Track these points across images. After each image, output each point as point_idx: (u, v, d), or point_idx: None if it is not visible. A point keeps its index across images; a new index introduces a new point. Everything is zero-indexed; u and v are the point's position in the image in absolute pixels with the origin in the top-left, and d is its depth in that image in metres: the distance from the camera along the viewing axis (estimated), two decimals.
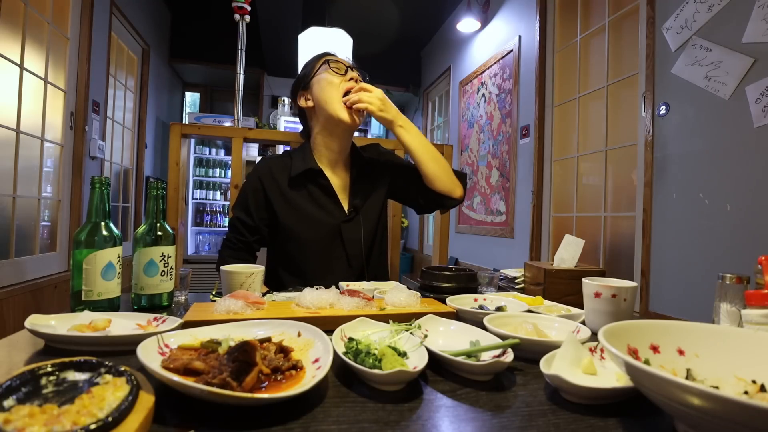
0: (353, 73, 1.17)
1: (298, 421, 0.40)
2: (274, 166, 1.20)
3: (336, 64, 1.16)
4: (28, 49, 2.15)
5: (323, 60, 1.17)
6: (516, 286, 1.18)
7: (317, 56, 1.21)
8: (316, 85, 1.16)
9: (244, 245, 1.18)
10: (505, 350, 0.54)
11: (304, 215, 1.16)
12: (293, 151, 1.26)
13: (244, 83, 2.21)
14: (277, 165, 1.20)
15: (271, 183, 1.18)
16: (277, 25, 4.19)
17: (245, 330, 0.60)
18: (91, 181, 0.79)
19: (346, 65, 1.17)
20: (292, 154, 1.23)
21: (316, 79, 1.17)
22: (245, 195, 1.19)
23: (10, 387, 0.36)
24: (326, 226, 1.16)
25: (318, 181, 1.18)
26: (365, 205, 1.21)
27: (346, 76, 1.15)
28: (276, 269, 1.21)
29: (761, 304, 0.59)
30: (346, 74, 1.16)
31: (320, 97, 1.15)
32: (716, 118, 1.61)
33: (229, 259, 1.15)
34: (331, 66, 1.15)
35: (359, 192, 1.21)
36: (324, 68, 1.16)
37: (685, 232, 1.72)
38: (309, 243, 1.16)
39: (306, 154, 1.19)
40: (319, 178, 1.17)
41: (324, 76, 1.15)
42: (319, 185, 1.18)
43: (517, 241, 3.01)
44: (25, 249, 2.23)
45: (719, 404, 0.31)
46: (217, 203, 4.73)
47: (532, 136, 2.84)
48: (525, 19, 2.99)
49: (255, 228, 1.17)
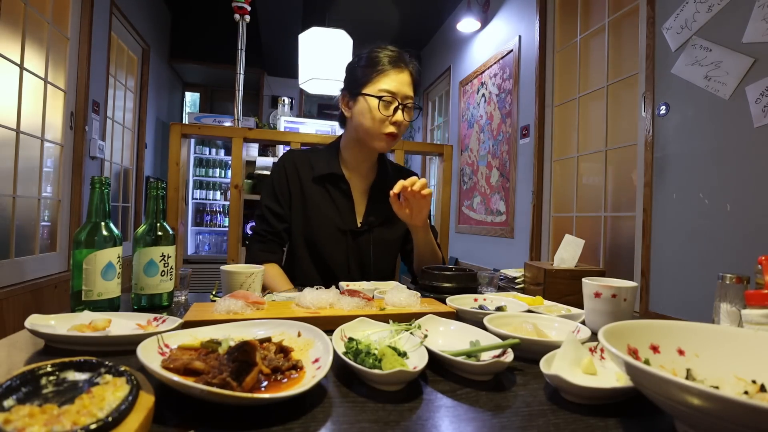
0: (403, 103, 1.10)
1: (298, 421, 0.40)
2: (298, 160, 1.20)
3: (387, 100, 1.07)
4: (28, 49, 2.15)
5: (379, 88, 1.07)
6: (516, 286, 1.18)
7: (374, 67, 1.09)
8: (361, 105, 1.10)
9: (274, 236, 1.17)
10: (505, 350, 0.54)
11: (319, 214, 1.16)
12: (319, 149, 1.25)
13: (244, 83, 2.21)
14: (301, 160, 1.20)
15: (293, 176, 1.18)
16: (277, 25, 4.20)
17: (245, 330, 0.60)
18: (91, 181, 0.79)
19: (399, 102, 1.08)
20: (318, 153, 1.22)
21: (362, 99, 1.09)
22: (271, 184, 1.19)
23: (10, 387, 0.36)
24: (337, 229, 1.16)
25: (339, 185, 1.18)
26: (380, 226, 1.19)
27: (393, 109, 1.09)
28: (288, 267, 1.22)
29: (761, 304, 0.59)
30: (396, 109, 1.09)
31: (362, 122, 1.10)
32: (716, 118, 1.61)
33: (260, 253, 1.15)
34: (383, 100, 1.07)
35: (376, 210, 1.20)
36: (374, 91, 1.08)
37: (685, 232, 1.72)
38: (317, 243, 1.16)
39: (332, 157, 1.19)
40: (341, 182, 1.18)
41: (373, 105, 1.08)
42: (340, 189, 1.18)
43: (517, 241, 3.01)
44: (25, 249, 2.23)
45: (719, 404, 0.31)
46: (217, 203, 4.73)
47: (532, 136, 2.84)
48: (525, 19, 2.99)
49: (283, 216, 1.17)
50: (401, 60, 1.11)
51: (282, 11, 3.99)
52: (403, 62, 1.11)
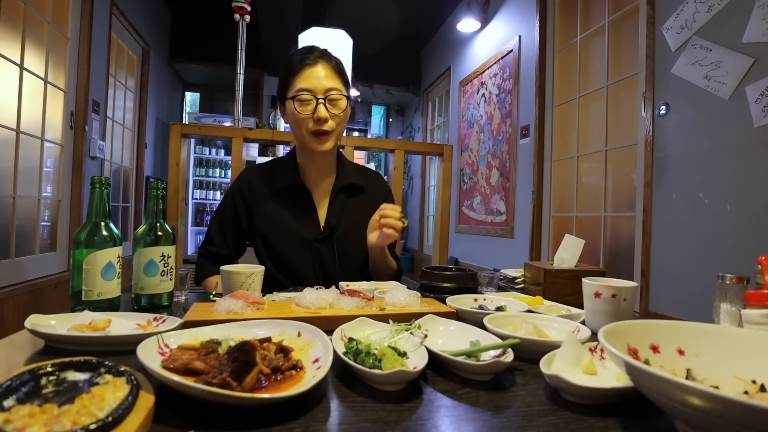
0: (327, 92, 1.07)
1: (298, 421, 0.40)
2: (256, 176, 1.19)
3: (303, 98, 1.05)
4: (28, 49, 2.15)
5: (296, 88, 1.06)
6: (516, 286, 1.18)
7: (290, 71, 1.08)
8: (287, 110, 1.09)
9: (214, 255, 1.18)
10: (505, 350, 0.54)
11: (280, 225, 1.14)
12: (280, 160, 1.24)
13: (244, 83, 2.21)
14: (261, 175, 1.19)
15: (252, 194, 1.17)
16: (277, 25, 4.20)
17: (245, 330, 0.60)
18: (91, 181, 0.79)
19: (316, 97, 1.05)
20: (278, 164, 1.21)
21: (287, 104, 1.08)
22: (221, 210, 1.18)
23: (10, 387, 0.36)
24: (299, 239, 1.14)
25: (300, 195, 1.16)
26: (343, 228, 1.17)
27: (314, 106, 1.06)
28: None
29: (761, 304, 0.59)
30: (316, 105, 1.05)
31: (291, 126, 1.11)
32: (716, 118, 1.61)
33: (204, 271, 1.16)
34: (297, 99, 1.05)
35: (337, 212, 1.18)
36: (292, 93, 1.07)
37: (685, 232, 1.72)
38: (281, 254, 1.14)
39: (290, 167, 1.17)
40: (301, 192, 1.16)
41: (292, 107, 1.06)
42: (301, 199, 1.16)
43: (517, 241, 3.01)
44: (25, 249, 2.23)
45: (719, 404, 0.31)
46: (217, 203, 4.73)
47: (532, 136, 2.84)
48: (525, 19, 2.99)
49: (223, 242, 1.17)
50: (311, 55, 1.08)
51: (282, 11, 3.99)
52: (318, 57, 1.08)
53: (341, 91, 1.08)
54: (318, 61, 1.07)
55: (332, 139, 1.09)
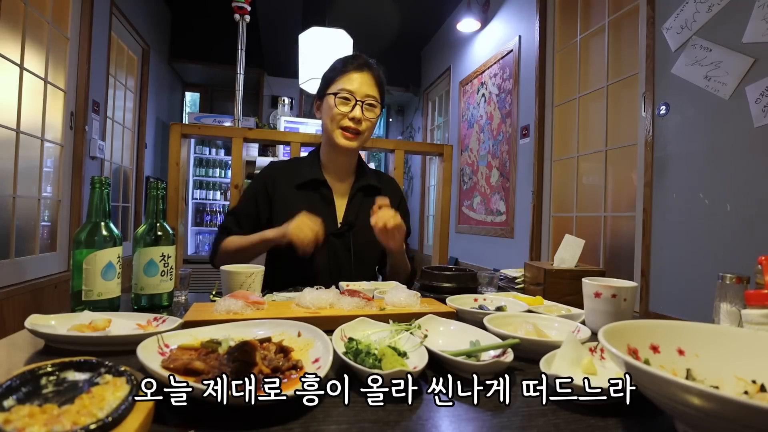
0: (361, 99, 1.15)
1: (298, 421, 0.40)
2: (279, 171, 1.25)
3: (344, 96, 1.14)
4: (28, 49, 2.15)
5: (339, 87, 1.15)
6: (516, 286, 1.18)
7: (335, 70, 1.18)
8: (325, 104, 1.18)
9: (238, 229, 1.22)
10: (505, 350, 0.54)
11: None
12: (301, 158, 1.31)
13: (244, 83, 2.21)
14: (283, 170, 1.25)
15: (274, 186, 1.22)
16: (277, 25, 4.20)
17: (245, 330, 0.60)
18: (91, 181, 0.79)
19: (356, 99, 1.14)
20: (300, 161, 1.28)
21: (326, 99, 1.18)
22: (252, 191, 1.23)
23: (10, 387, 0.36)
24: None
25: (320, 190, 1.22)
26: (359, 225, 1.21)
27: (351, 106, 1.15)
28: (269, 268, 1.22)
29: (761, 304, 0.59)
30: (354, 106, 1.14)
31: (324, 119, 1.19)
32: (716, 118, 1.61)
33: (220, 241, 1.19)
34: (339, 97, 1.14)
35: (355, 210, 1.23)
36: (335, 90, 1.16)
37: (685, 232, 1.72)
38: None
39: (313, 163, 1.24)
40: (322, 187, 1.22)
41: (331, 102, 1.15)
42: (321, 194, 1.22)
43: (517, 241, 3.01)
44: (25, 249, 2.23)
45: (719, 404, 0.31)
46: (217, 203, 4.73)
47: (532, 136, 2.84)
48: (525, 19, 2.99)
49: (252, 217, 1.22)
50: (362, 63, 1.19)
51: (282, 11, 3.99)
52: (364, 65, 1.18)
53: (378, 100, 1.18)
54: (364, 68, 1.18)
55: (359, 140, 1.18)
